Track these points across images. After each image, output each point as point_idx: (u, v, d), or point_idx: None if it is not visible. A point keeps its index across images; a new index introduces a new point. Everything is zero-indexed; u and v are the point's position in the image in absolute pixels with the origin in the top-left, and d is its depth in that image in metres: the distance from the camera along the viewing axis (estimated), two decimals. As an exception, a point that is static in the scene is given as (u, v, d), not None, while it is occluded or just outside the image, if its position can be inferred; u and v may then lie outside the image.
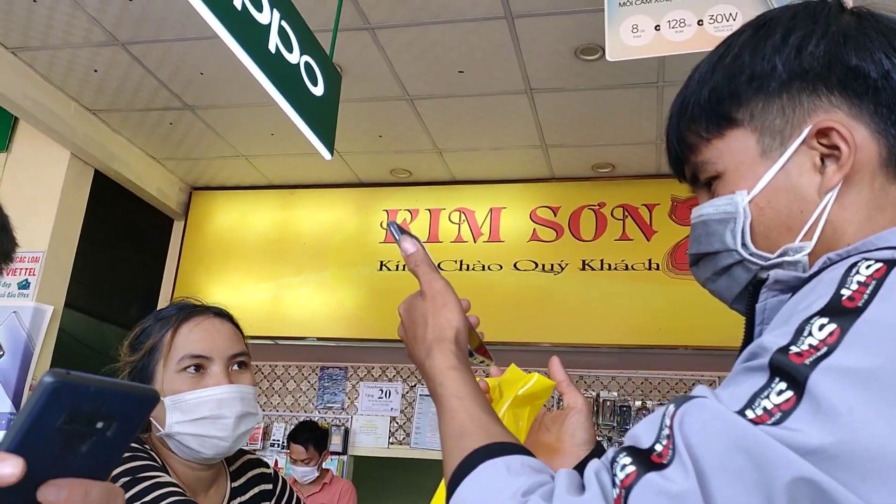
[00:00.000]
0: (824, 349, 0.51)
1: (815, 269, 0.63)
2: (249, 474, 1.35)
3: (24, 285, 4.05)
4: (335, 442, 5.22)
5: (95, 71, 3.82)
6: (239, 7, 1.96)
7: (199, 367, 1.21)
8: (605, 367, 4.94)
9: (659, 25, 2.11)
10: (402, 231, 0.88)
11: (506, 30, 3.33)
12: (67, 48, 3.63)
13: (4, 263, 0.88)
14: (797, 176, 0.68)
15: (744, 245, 0.70)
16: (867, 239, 0.62)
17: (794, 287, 0.63)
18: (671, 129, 0.78)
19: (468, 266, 4.72)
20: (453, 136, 4.35)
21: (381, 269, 4.81)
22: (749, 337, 0.68)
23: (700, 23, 2.08)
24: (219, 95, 4.03)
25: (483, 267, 4.69)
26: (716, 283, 0.75)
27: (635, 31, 2.12)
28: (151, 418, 1.20)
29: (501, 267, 4.65)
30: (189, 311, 1.27)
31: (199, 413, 1.17)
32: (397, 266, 4.77)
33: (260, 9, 2.08)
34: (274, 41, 2.15)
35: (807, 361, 0.51)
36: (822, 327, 0.53)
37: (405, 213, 4.94)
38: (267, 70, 2.07)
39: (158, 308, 1.41)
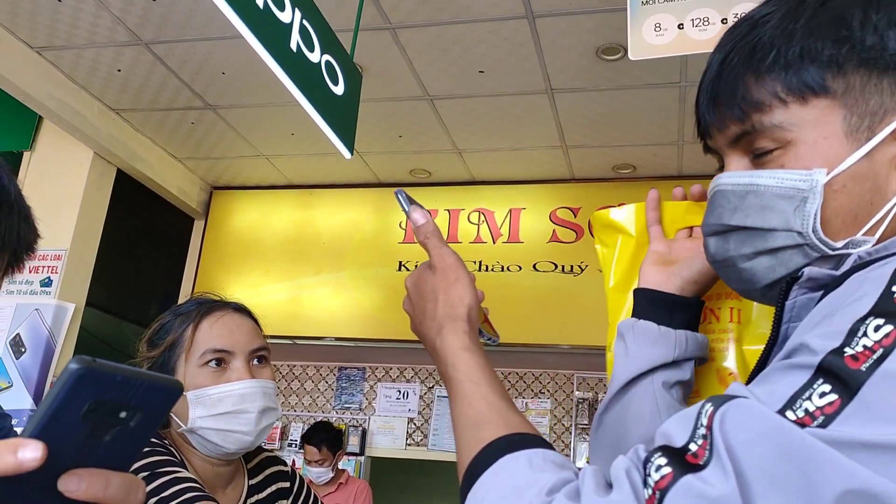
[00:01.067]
0: (880, 351, 0.48)
1: (846, 267, 0.60)
2: (267, 472, 1.35)
3: (47, 283, 4.09)
4: (353, 443, 5.22)
5: (119, 70, 3.86)
6: (261, 6, 1.96)
7: (221, 362, 1.21)
8: (625, 369, 4.89)
9: (682, 24, 2.08)
10: (412, 201, 0.84)
11: (527, 29, 3.31)
12: (91, 48, 3.67)
13: (27, 254, 0.88)
14: (879, 165, 0.63)
15: (814, 229, 0.63)
16: (894, 239, 0.60)
17: (824, 285, 0.60)
18: (729, 76, 0.67)
19: (487, 267, 4.71)
20: (473, 136, 4.34)
21: (399, 269, 4.80)
22: (776, 334, 0.65)
23: (724, 21, 2.05)
24: (240, 95, 4.05)
25: (502, 268, 4.68)
26: (753, 262, 0.66)
27: (658, 29, 2.10)
28: (172, 414, 1.20)
29: (521, 268, 4.63)
30: (209, 305, 1.27)
31: (222, 408, 1.17)
32: (416, 266, 4.77)
33: (282, 8, 2.08)
34: (295, 40, 2.15)
35: (863, 367, 0.48)
36: (877, 328, 0.49)
37: (424, 214, 4.93)
38: (288, 69, 2.07)
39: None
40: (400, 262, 4.83)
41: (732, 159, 0.70)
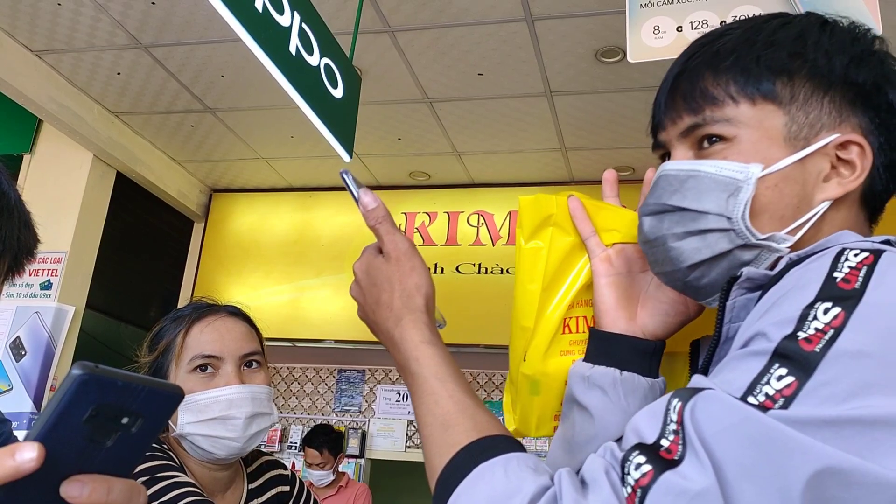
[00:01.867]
0: (831, 332, 0.51)
1: (779, 268, 0.63)
2: (267, 476, 1.35)
3: (47, 286, 4.09)
4: (352, 445, 5.22)
5: (118, 74, 3.86)
6: (260, 9, 1.97)
7: (210, 367, 1.21)
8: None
9: (681, 26, 2.09)
10: (360, 184, 0.80)
11: (526, 32, 3.32)
12: (91, 51, 3.67)
13: (27, 258, 0.89)
14: (809, 174, 0.69)
15: (742, 216, 0.68)
16: (826, 239, 0.65)
17: (760, 285, 0.63)
18: (691, 73, 0.74)
19: (487, 269, 4.71)
20: (472, 138, 4.34)
21: (399, 271, 4.80)
22: (718, 334, 0.67)
23: (723, 23, 2.05)
24: (239, 98, 4.06)
25: (502, 270, 4.68)
26: (681, 242, 0.70)
27: (657, 32, 2.10)
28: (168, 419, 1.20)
29: (520, 270, 4.62)
30: (202, 310, 1.27)
31: (209, 414, 1.17)
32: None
33: (281, 11, 2.09)
34: (294, 43, 2.16)
35: (816, 349, 0.51)
36: (826, 311, 0.53)
37: (424, 216, 4.94)
38: (287, 72, 2.08)
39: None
40: (399, 265, 4.82)
41: (679, 150, 0.75)
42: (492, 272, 4.69)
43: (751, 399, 0.51)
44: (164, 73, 3.82)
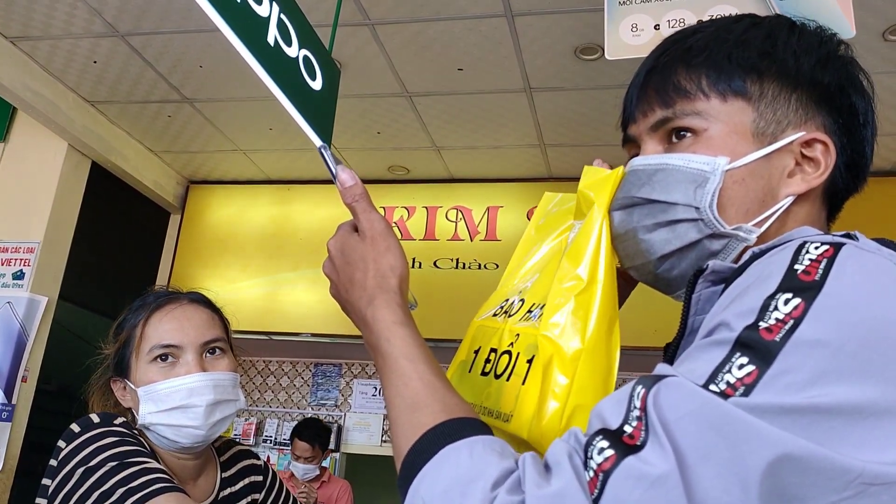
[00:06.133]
0: (791, 322, 0.53)
1: (743, 260, 0.65)
2: (240, 465, 1.35)
3: (19, 276, 4.04)
4: (328, 439, 5.21)
5: (95, 62, 3.82)
6: (239, 0, 1.96)
7: (170, 357, 1.20)
8: (600, 367, 4.93)
9: (658, 25, 2.11)
10: (338, 160, 0.80)
11: (506, 28, 3.32)
12: (67, 38, 3.62)
13: None
14: (775, 168, 0.71)
15: (710, 206, 0.70)
16: (788, 233, 0.68)
17: (725, 278, 0.65)
18: (663, 67, 0.76)
19: (464, 264, 4.72)
20: (452, 133, 4.35)
21: (377, 265, 4.79)
22: (684, 326, 0.69)
23: (700, 23, 2.07)
24: (217, 89, 4.03)
25: (479, 265, 4.69)
26: (651, 234, 0.72)
27: (635, 30, 2.12)
28: (133, 409, 1.21)
29: (498, 266, 4.65)
30: (162, 298, 1.27)
31: (170, 403, 1.17)
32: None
33: (260, 2, 2.08)
34: (273, 34, 2.15)
35: (777, 338, 0.52)
36: (787, 301, 0.54)
37: (402, 211, 4.94)
38: (265, 63, 2.07)
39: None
40: (377, 259, 4.82)
41: (649, 144, 0.76)
42: (469, 267, 4.70)
43: (713, 387, 0.52)
44: (141, 62, 3.78)
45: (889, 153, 4.14)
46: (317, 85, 2.44)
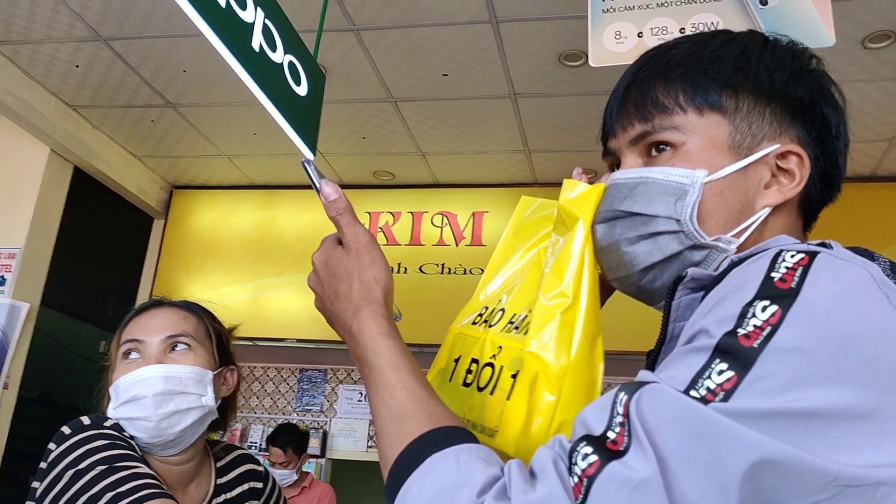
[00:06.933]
0: (768, 329, 0.54)
1: (721, 269, 0.66)
2: (239, 470, 1.34)
3: (0, 282, 4.00)
4: (313, 445, 5.18)
5: (77, 66, 3.79)
6: (223, 4, 1.95)
7: (134, 353, 1.22)
8: (585, 372, 4.95)
9: (641, 32, 2.12)
10: (322, 174, 0.80)
11: (490, 34, 3.34)
12: (49, 43, 3.60)
13: None
14: (751, 180, 0.73)
15: (690, 218, 0.71)
16: (765, 242, 0.70)
17: (704, 286, 0.66)
18: (642, 82, 0.77)
19: (450, 269, 4.72)
20: (437, 139, 4.36)
21: (362, 271, 4.79)
22: (664, 333, 0.70)
23: (682, 31, 2.09)
24: (202, 93, 4.01)
25: (465, 271, 4.69)
26: (634, 247, 0.73)
27: (618, 37, 2.14)
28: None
29: (483, 271, 4.64)
30: (147, 305, 1.29)
31: (124, 396, 1.18)
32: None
33: (244, 7, 2.07)
34: (258, 40, 2.14)
35: (755, 344, 0.53)
36: (764, 309, 0.55)
37: (388, 216, 4.94)
38: (250, 68, 2.06)
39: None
40: (363, 264, 4.81)
41: (629, 158, 0.78)
42: (455, 272, 4.71)
43: (693, 392, 0.53)
44: (124, 66, 3.76)
45: (867, 159, 4.20)
46: (302, 90, 2.44)
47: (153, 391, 1.17)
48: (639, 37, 2.12)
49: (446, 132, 4.27)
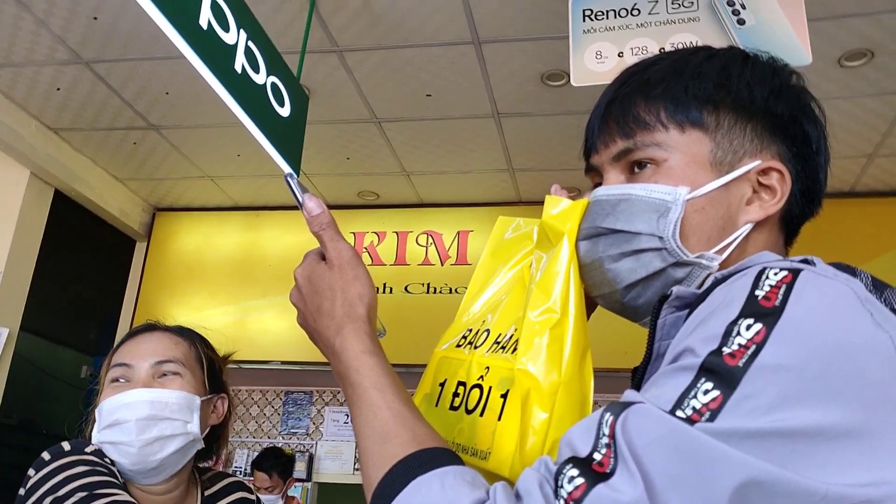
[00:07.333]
0: (753, 347, 0.53)
1: (706, 286, 0.66)
2: (229, 499, 1.32)
3: (-21, 307, 3.94)
4: (299, 468, 5.13)
5: (58, 89, 3.77)
6: (205, 27, 1.95)
7: (122, 378, 1.20)
8: (572, 390, 4.94)
9: (622, 52, 2.15)
10: (305, 189, 0.80)
11: (473, 55, 3.36)
12: (30, 66, 3.58)
13: None
14: (733, 197, 0.73)
15: (673, 235, 0.71)
16: (748, 259, 0.69)
17: (689, 304, 0.66)
18: (623, 99, 0.77)
19: (435, 289, 4.71)
20: (421, 158, 4.36)
21: (347, 291, 4.77)
22: (650, 352, 0.69)
23: (661, 51, 2.12)
24: (184, 115, 4.00)
25: (450, 290, 4.69)
26: (617, 264, 0.73)
27: (599, 57, 2.16)
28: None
29: (468, 290, 4.65)
30: (139, 329, 1.28)
31: (108, 419, 1.16)
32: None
33: (227, 29, 2.08)
34: (240, 61, 2.14)
35: (740, 363, 0.53)
36: (749, 327, 0.55)
37: (373, 236, 4.93)
38: (233, 90, 2.06)
39: (118, 331, 1.42)
40: (348, 285, 4.80)
41: (611, 175, 0.77)
42: (440, 292, 4.70)
43: (679, 413, 0.53)
44: (106, 89, 3.74)
45: (847, 175, 4.25)
46: (285, 111, 2.44)
47: (136, 416, 1.15)
48: (619, 56, 2.14)
49: (430, 152, 4.28)
